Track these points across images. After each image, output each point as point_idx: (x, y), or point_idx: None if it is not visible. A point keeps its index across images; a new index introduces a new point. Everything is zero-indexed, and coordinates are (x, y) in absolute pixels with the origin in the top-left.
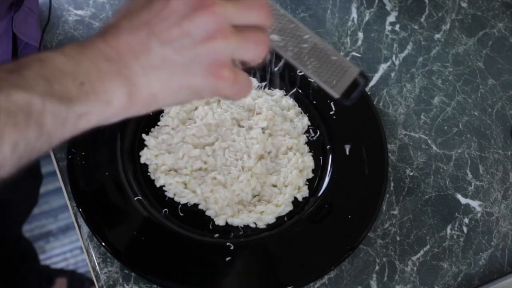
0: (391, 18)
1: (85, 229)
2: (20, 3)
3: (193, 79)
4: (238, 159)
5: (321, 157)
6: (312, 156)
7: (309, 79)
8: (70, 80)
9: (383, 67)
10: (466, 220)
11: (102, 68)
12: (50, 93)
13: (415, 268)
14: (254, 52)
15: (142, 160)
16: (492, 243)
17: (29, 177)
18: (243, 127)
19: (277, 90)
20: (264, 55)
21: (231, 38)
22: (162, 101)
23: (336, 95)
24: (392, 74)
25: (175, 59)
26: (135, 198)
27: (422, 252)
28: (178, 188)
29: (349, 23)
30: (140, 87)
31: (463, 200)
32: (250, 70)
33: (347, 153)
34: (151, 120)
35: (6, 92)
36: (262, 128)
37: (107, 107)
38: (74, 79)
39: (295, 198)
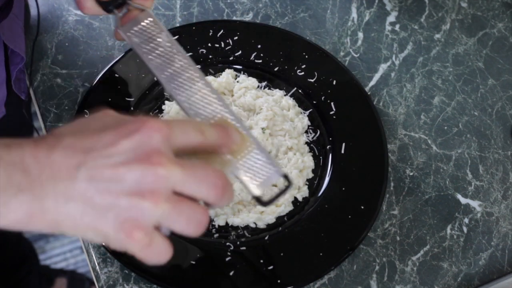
0: (391, 18)
1: None
2: (8, 10)
3: (103, 226)
4: None
5: (321, 157)
6: (312, 156)
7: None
8: None
9: (383, 67)
10: (466, 220)
11: (13, 178)
12: None
13: (415, 268)
14: (185, 228)
15: None
16: (492, 243)
17: None
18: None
19: (277, 90)
20: (197, 234)
21: (161, 204)
22: (64, 229)
23: (255, 193)
24: (392, 74)
25: (94, 199)
26: None
27: (422, 252)
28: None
29: (349, 23)
30: (46, 211)
31: (463, 200)
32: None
33: (347, 153)
34: None
35: None
36: (262, 128)
37: (1, 218)
38: None
39: (295, 198)
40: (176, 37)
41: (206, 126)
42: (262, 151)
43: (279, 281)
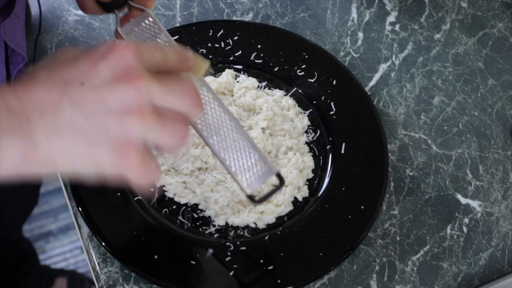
0: (391, 18)
1: (85, 229)
2: (9, 10)
3: (97, 151)
4: None
5: (321, 157)
6: (312, 156)
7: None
8: None
9: (383, 67)
10: (466, 220)
11: (1, 120)
12: None
13: (415, 268)
14: (169, 140)
15: None
16: (492, 243)
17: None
18: (243, 127)
19: (277, 90)
20: (179, 147)
21: (148, 118)
22: (60, 166)
23: (247, 191)
24: (392, 74)
25: (83, 125)
26: (135, 198)
27: (422, 252)
28: (178, 188)
29: (349, 23)
30: (39, 147)
31: (463, 200)
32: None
33: (347, 153)
34: None
35: None
36: (262, 128)
37: None
38: None
39: (295, 198)
40: (176, 37)
41: (165, 47)
42: (255, 149)
43: (279, 281)
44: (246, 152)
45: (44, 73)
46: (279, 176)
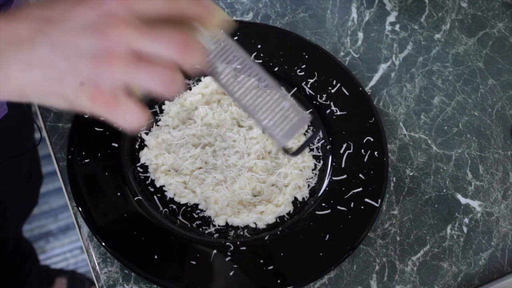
0: (391, 18)
1: (85, 229)
2: (9, 4)
3: (66, 90)
4: (238, 159)
5: (321, 157)
6: (312, 156)
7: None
8: None
9: (383, 67)
10: (466, 220)
11: None
12: None
13: (415, 268)
14: (151, 84)
15: (142, 160)
16: (492, 243)
17: (30, 177)
18: (243, 127)
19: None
20: (167, 91)
21: (116, 63)
22: (33, 98)
23: (282, 143)
24: (392, 74)
25: (54, 63)
26: (135, 198)
27: (422, 252)
28: (178, 188)
29: (349, 23)
30: (10, 78)
31: (463, 200)
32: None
33: (347, 153)
34: (151, 120)
35: None
36: (262, 128)
37: None
38: None
39: (295, 198)
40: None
41: None
42: (285, 98)
43: (279, 281)
44: (276, 103)
45: (33, 8)
46: (312, 123)
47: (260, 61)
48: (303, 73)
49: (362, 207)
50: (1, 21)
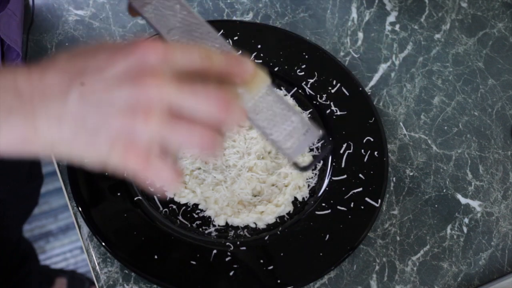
0: (391, 18)
1: (85, 229)
2: (4, 4)
3: (96, 147)
4: (238, 159)
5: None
6: (312, 156)
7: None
8: None
9: (383, 67)
10: (466, 220)
11: (4, 101)
12: None
13: (415, 268)
14: (188, 142)
15: None
16: (492, 243)
17: (30, 177)
18: (243, 126)
19: (277, 90)
20: (206, 150)
21: (152, 121)
22: (60, 152)
23: (290, 160)
24: (392, 74)
25: (85, 119)
26: (135, 198)
27: (422, 252)
28: (178, 188)
29: (349, 23)
30: (39, 133)
31: (463, 200)
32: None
33: (347, 153)
34: None
35: None
36: None
37: None
38: None
39: (295, 198)
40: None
41: (215, 52)
42: (294, 113)
43: (279, 281)
44: (285, 117)
45: (64, 60)
46: (324, 138)
47: (260, 61)
48: (303, 73)
49: (362, 207)
50: (33, 72)
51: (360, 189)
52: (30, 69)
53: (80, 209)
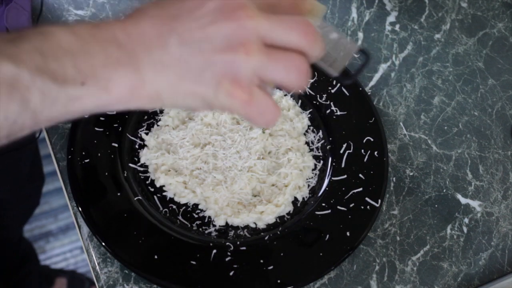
0: (391, 18)
1: (85, 229)
2: None
3: (202, 88)
4: (238, 159)
5: (321, 157)
6: (312, 156)
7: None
8: (70, 60)
9: (383, 67)
10: (466, 220)
11: (110, 53)
12: (43, 69)
13: (415, 268)
14: (285, 76)
15: (142, 160)
16: (492, 243)
17: (32, 178)
18: (243, 127)
19: (277, 90)
20: (301, 83)
21: (254, 54)
22: (167, 101)
23: (334, 73)
24: (392, 74)
25: (189, 61)
26: (135, 198)
27: (422, 252)
28: (178, 188)
29: (349, 23)
30: (146, 82)
31: (463, 200)
32: None
33: (347, 153)
34: (151, 120)
35: None
36: (262, 128)
37: (106, 95)
38: (75, 59)
39: (295, 198)
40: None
41: None
42: (332, 30)
43: (279, 281)
44: (325, 36)
45: (153, 8)
46: (362, 51)
47: None
48: None
49: (362, 207)
50: (127, 23)
51: (360, 189)
52: (124, 21)
53: (80, 209)
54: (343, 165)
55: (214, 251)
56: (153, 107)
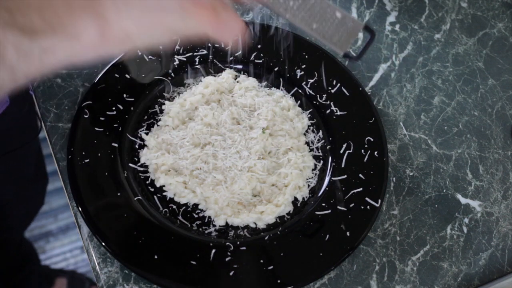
0: (391, 18)
1: (85, 229)
2: None
3: (166, 16)
4: (238, 159)
5: (321, 157)
6: (312, 156)
7: (310, 39)
8: (36, 13)
9: (383, 67)
10: (466, 220)
11: (73, 2)
12: (11, 24)
13: (415, 268)
14: None
15: (142, 160)
16: (492, 243)
17: (36, 178)
18: (243, 127)
19: (277, 90)
20: None
21: None
22: (136, 38)
23: (340, 51)
24: (392, 74)
25: None
26: (135, 198)
27: (422, 252)
28: (178, 188)
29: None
30: (112, 23)
31: (463, 200)
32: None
33: (347, 153)
34: (151, 120)
35: None
36: (262, 128)
37: (76, 42)
38: (41, 12)
39: (295, 198)
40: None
41: None
42: (336, 9)
43: (279, 281)
44: (330, 14)
45: None
46: (367, 28)
47: (260, 61)
48: (303, 73)
49: (362, 207)
50: None
51: (360, 189)
52: None
53: (80, 209)
54: (343, 165)
55: (214, 251)
56: (125, 50)
